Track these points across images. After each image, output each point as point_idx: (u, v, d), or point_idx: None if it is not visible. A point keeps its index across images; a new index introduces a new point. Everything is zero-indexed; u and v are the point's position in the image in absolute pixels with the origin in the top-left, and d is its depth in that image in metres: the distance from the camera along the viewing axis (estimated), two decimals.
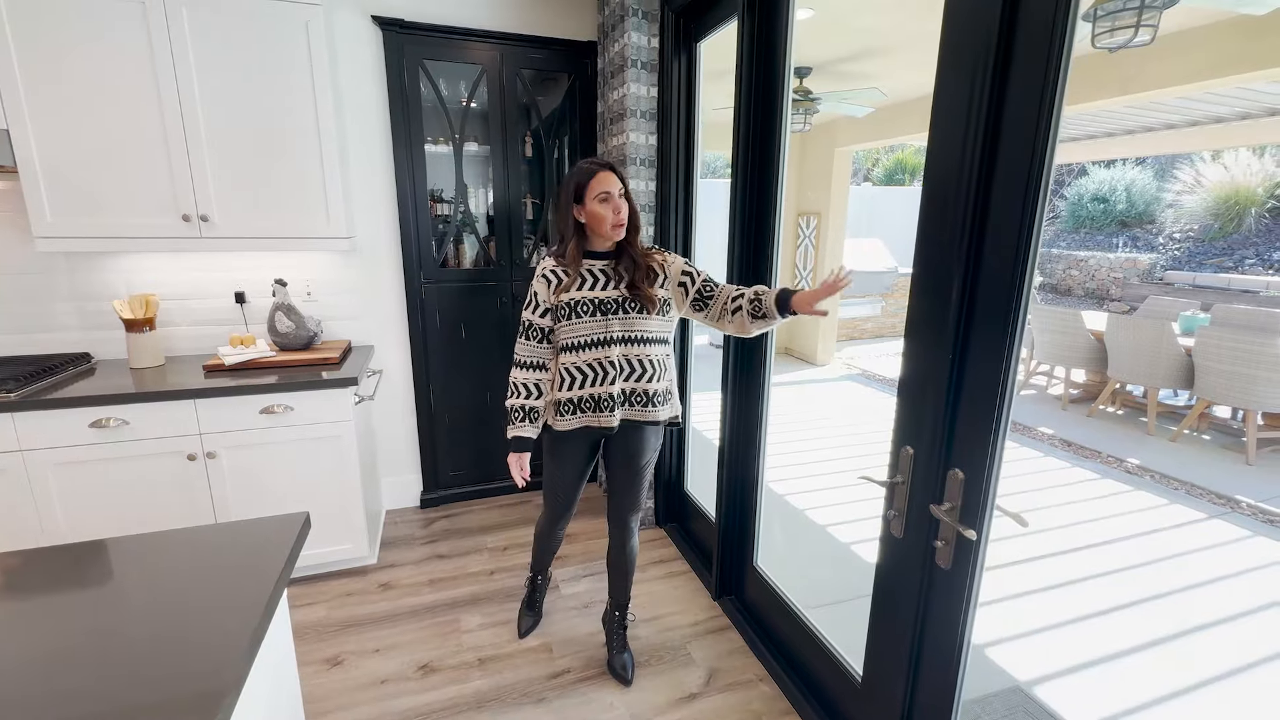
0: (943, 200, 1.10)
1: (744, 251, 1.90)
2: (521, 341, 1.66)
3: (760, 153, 1.82)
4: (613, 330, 1.58)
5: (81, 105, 1.93)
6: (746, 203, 1.87)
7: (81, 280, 2.28)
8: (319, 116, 2.15)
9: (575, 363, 1.60)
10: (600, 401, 1.61)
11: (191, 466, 2.02)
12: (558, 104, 2.78)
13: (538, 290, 1.62)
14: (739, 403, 2.02)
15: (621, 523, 1.83)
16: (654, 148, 2.36)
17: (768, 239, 1.84)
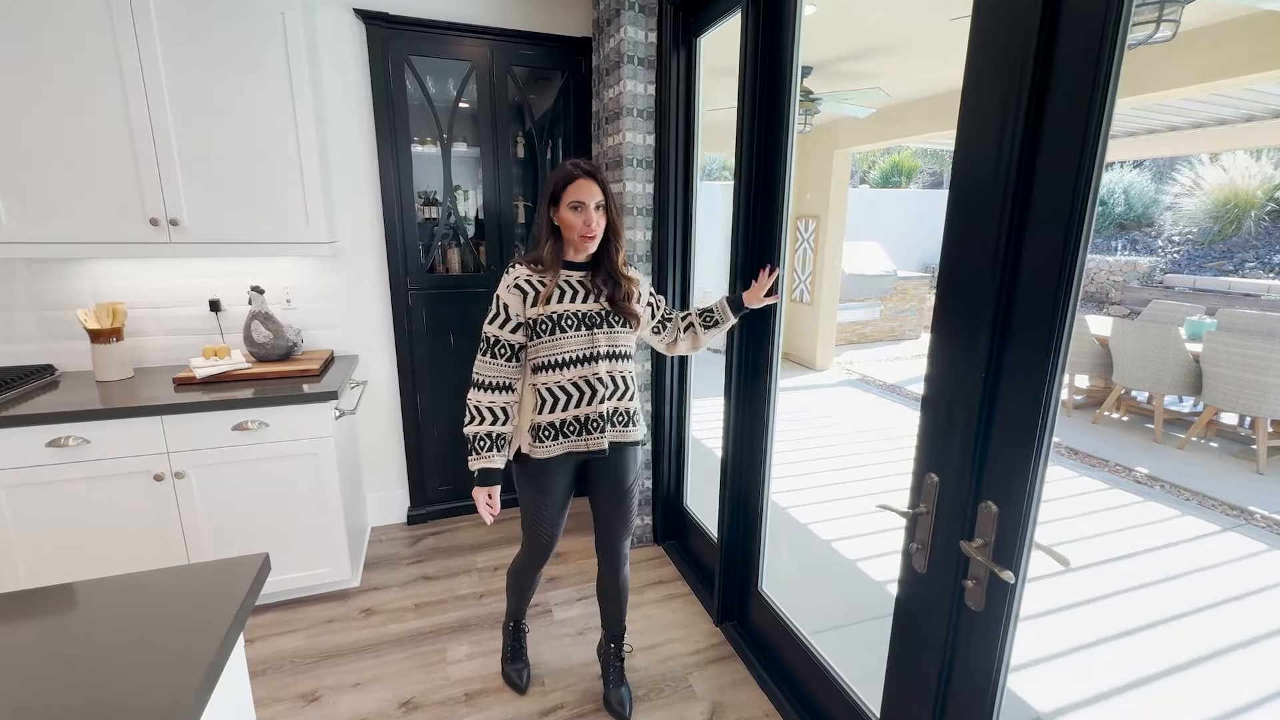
0: (975, 200, 0.99)
1: (747, 257, 1.79)
2: (485, 360, 1.47)
3: (765, 155, 1.71)
4: (599, 345, 1.48)
5: (38, 101, 1.80)
6: (750, 207, 1.76)
7: (44, 287, 2.14)
8: (297, 115, 2.03)
9: (558, 381, 1.47)
10: (589, 422, 1.49)
11: (159, 488, 1.89)
12: (550, 103, 2.67)
13: (508, 302, 1.45)
14: (743, 416, 1.91)
15: (613, 552, 1.70)
16: (651, 148, 2.25)
17: (773, 245, 1.73)
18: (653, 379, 2.45)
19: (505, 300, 1.46)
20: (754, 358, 1.84)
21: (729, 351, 1.90)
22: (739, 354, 1.87)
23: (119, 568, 1.90)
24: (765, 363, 1.80)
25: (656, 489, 2.56)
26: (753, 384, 1.86)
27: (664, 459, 2.51)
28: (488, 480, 1.48)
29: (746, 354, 1.86)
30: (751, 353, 1.85)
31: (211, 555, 2.00)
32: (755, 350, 1.83)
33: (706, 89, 2.24)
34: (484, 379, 1.47)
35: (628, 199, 2.24)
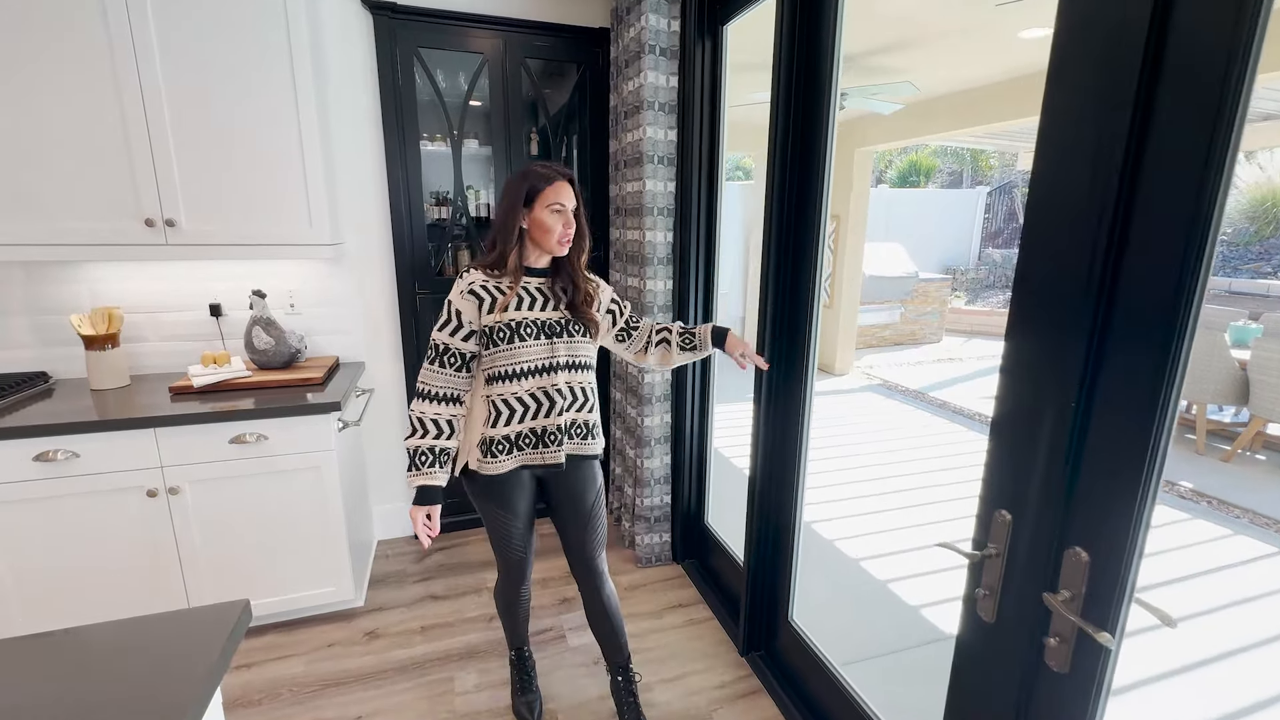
0: (1066, 190, 0.85)
1: (780, 265, 1.65)
2: (433, 369, 1.37)
3: (802, 154, 1.57)
4: (559, 355, 1.41)
5: (26, 93, 1.70)
6: (784, 211, 1.61)
7: (39, 291, 2.05)
8: (300, 109, 1.92)
9: (515, 393, 1.39)
10: (545, 435, 1.42)
11: (152, 504, 1.79)
12: (566, 97, 2.55)
13: (461, 308, 1.37)
14: (773, 428, 1.76)
15: (588, 568, 1.59)
16: (673, 144, 2.11)
17: (808, 251, 1.58)
18: (674, 388, 2.31)
19: (458, 306, 1.37)
20: (787, 364, 1.70)
21: (760, 352, 1.74)
22: (770, 358, 1.72)
23: (110, 589, 1.81)
24: (799, 370, 1.66)
25: (676, 504, 2.42)
26: (785, 393, 1.71)
27: (684, 472, 2.38)
28: (427, 499, 1.38)
29: (778, 360, 1.71)
30: (784, 359, 1.70)
31: (208, 576, 1.89)
32: (788, 356, 1.68)
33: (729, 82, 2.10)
34: (430, 389, 1.38)
35: (647, 198, 2.10)
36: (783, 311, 1.67)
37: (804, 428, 1.67)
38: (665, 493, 2.41)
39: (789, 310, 1.65)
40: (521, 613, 1.71)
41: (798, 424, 1.67)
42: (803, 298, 1.61)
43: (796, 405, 1.66)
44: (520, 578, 1.62)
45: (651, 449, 2.33)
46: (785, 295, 1.66)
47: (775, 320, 1.67)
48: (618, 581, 2.33)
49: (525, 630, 1.77)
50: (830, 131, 1.51)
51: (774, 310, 1.67)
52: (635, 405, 2.35)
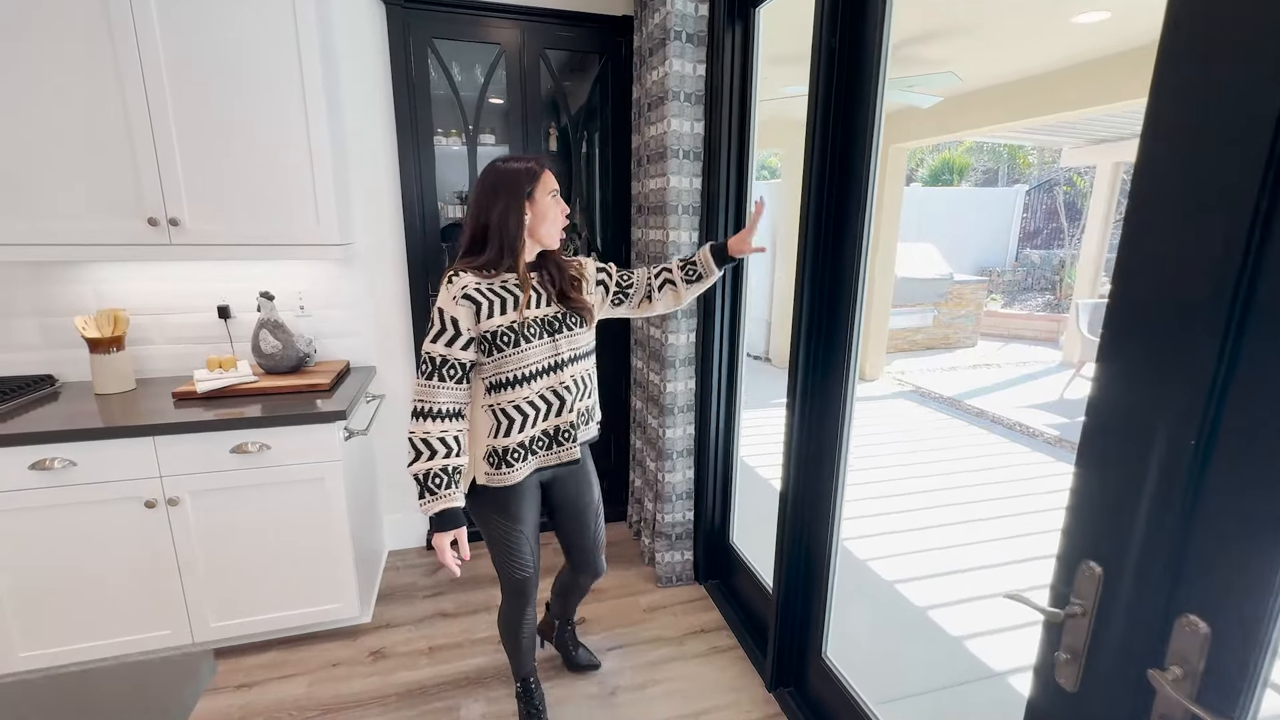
0: (1197, 160, 0.68)
1: (818, 267, 1.50)
2: (431, 384, 1.27)
3: (842, 149, 1.42)
4: (563, 351, 1.37)
5: (25, 85, 1.64)
6: (821, 209, 1.47)
7: (45, 292, 2.00)
8: (307, 103, 1.83)
9: (525, 397, 1.33)
10: (560, 433, 1.39)
11: (151, 515, 1.71)
12: (587, 90, 2.42)
13: (457, 316, 1.27)
14: (808, 441, 1.60)
15: (593, 564, 1.62)
16: (700, 137, 1.97)
17: (849, 253, 1.43)
18: (698, 397, 2.17)
19: (452, 314, 1.27)
20: (823, 371, 1.54)
21: (794, 354, 1.58)
22: (805, 362, 1.56)
23: (109, 603, 1.74)
24: (838, 378, 1.50)
25: (699, 521, 2.28)
26: (821, 403, 1.56)
27: (707, 488, 2.23)
28: (450, 523, 1.29)
29: (814, 366, 1.56)
30: (820, 365, 1.54)
31: (208, 591, 1.82)
32: (825, 362, 1.53)
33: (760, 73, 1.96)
34: (432, 406, 1.28)
35: (671, 196, 1.97)
36: (820, 315, 1.52)
37: (843, 442, 1.51)
38: (687, 508, 2.27)
39: (826, 314, 1.51)
40: (528, 639, 1.61)
41: (835, 438, 1.51)
42: (842, 301, 1.46)
43: (834, 417, 1.51)
44: (527, 601, 1.53)
45: (673, 462, 2.20)
46: (822, 298, 1.51)
47: (811, 324, 1.53)
48: (636, 602, 2.21)
49: (532, 658, 1.67)
50: (876, 125, 1.36)
51: (809, 314, 1.52)
52: (656, 416, 2.22)
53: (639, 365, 2.45)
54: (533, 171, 1.30)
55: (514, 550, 1.43)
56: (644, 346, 2.35)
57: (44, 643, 1.72)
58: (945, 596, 2.44)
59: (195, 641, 1.84)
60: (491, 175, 1.31)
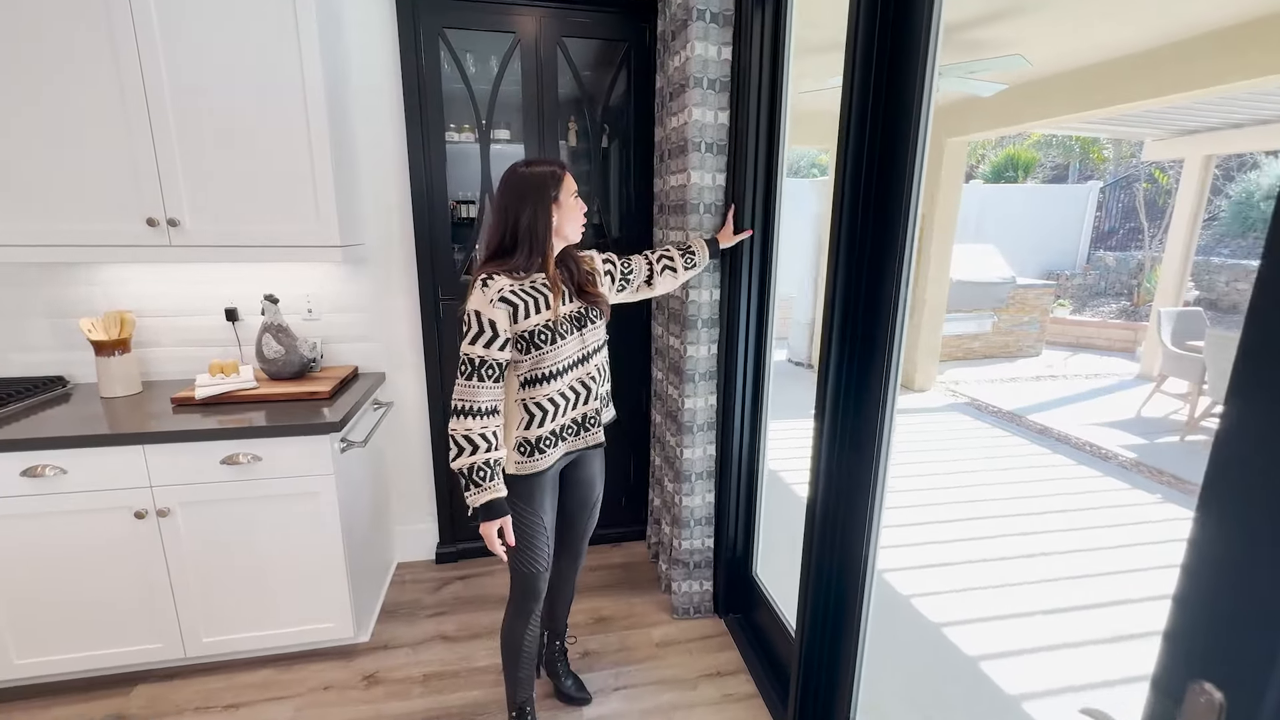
0: None
1: (853, 271, 1.29)
2: (471, 384, 1.31)
3: (883, 141, 1.21)
4: (588, 344, 1.45)
5: (25, 85, 1.61)
6: (856, 208, 1.25)
7: (58, 294, 1.99)
8: (307, 96, 1.74)
9: (559, 390, 1.40)
10: (586, 419, 1.48)
11: (140, 526, 1.66)
12: (609, 82, 2.26)
13: (495, 318, 1.31)
14: (839, 465, 1.38)
15: (575, 553, 1.67)
16: (725, 128, 1.78)
17: (889, 257, 1.21)
18: (719, 414, 1.98)
19: (490, 316, 1.31)
20: (858, 387, 1.33)
21: (824, 360, 1.36)
22: (836, 370, 1.34)
23: (102, 616, 1.70)
24: (874, 396, 1.28)
25: (719, 548, 2.09)
26: (855, 423, 1.34)
27: (728, 512, 2.04)
28: (496, 512, 1.35)
29: (849, 381, 1.34)
30: (855, 380, 1.33)
31: (200, 606, 1.75)
32: (860, 378, 1.32)
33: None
34: (473, 404, 1.32)
35: (692, 193, 1.78)
36: (854, 323, 1.30)
37: (880, 460, 1.28)
38: (707, 535, 2.08)
39: (862, 319, 1.29)
40: (528, 654, 1.56)
41: (872, 456, 1.29)
42: (881, 306, 1.24)
43: (871, 432, 1.29)
44: (536, 600, 1.52)
45: (692, 485, 2.01)
46: (856, 302, 1.29)
47: (844, 330, 1.31)
48: (648, 635, 2.03)
49: (531, 683, 1.60)
50: (923, 116, 1.15)
51: (842, 319, 1.31)
52: (674, 433, 2.04)
53: (658, 377, 2.27)
54: (556, 175, 1.36)
55: (530, 540, 1.45)
56: (664, 357, 2.18)
57: (39, 651, 1.69)
58: (1001, 645, 2.16)
59: (187, 657, 1.78)
60: (516, 180, 1.35)
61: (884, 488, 1.33)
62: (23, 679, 1.72)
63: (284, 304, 2.08)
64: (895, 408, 1.27)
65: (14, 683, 1.73)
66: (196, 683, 1.81)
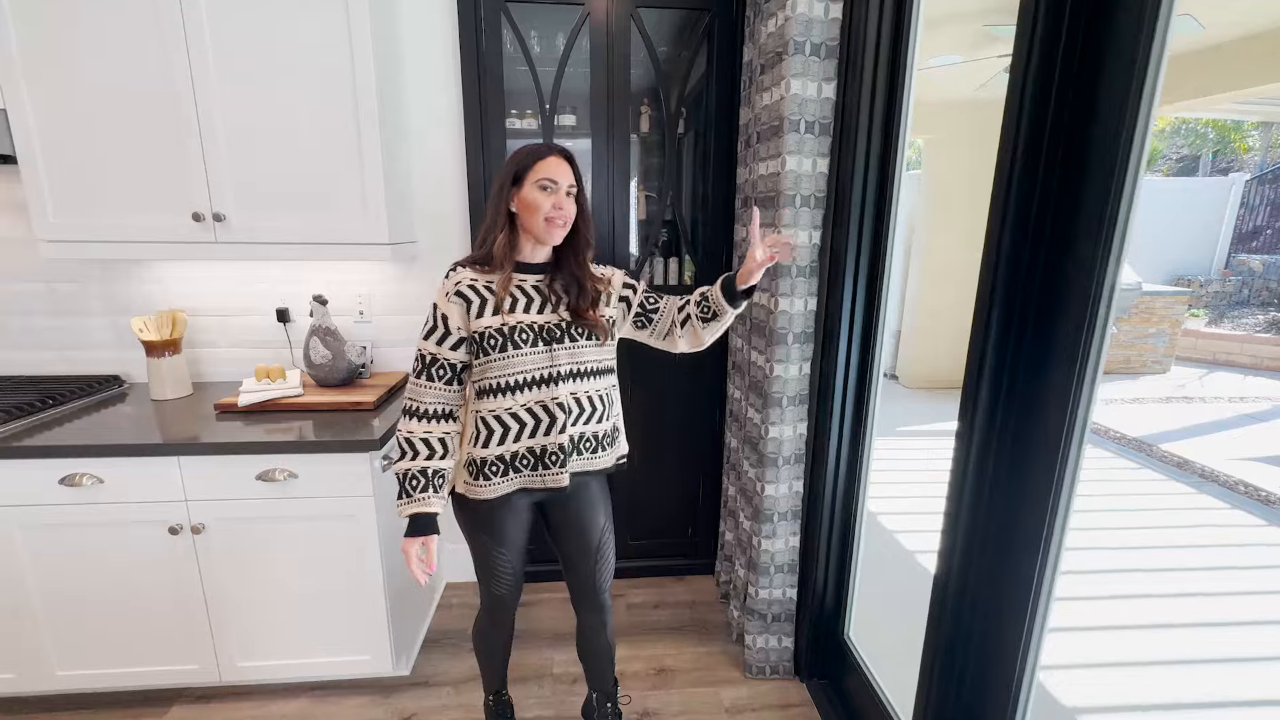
0: None
1: (1016, 278, 0.96)
2: (420, 382, 1.22)
3: (1074, 118, 0.88)
4: (559, 363, 1.23)
5: (77, 70, 1.53)
6: (1033, 200, 0.92)
7: (114, 291, 1.95)
8: (357, 81, 1.58)
9: (509, 408, 1.22)
10: (546, 455, 1.24)
11: (176, 542, 1.55)
12: (688, 59, 2.00)
13: (447, 312, 1.20)
14: (991, 509, 1.06)
15: (594, 605, 1.44)
16: (830, 103, 1.47)
17: (1083, 262, 0.88)
18: (809, 444, 1.67)
19: (443, 310, 1.20)
20: (1022, 406, 1.00)
21: (974, 370, 1.03)
22: (990, 404, 1.02)
23: (138, 632, 1.62)
24: (1053, 420, 0.95)
25: (804, 601, 1.78)
26: (1016, 452, 1.01)
27: (816, 558, 1.72)
28: (421, 528, 1.22)
29: (1009, 408, 1.01)
30: (1018, 405, 1.00)
31: (236, 629, 1.64)
32: (1025, 393, 0.99)
33: None
34: (419, 405, 1.22)
35: (787, 181, 1.48)
36: (1016, 334, 0.98)
37: (1056, 519, 0.95)
38: (790, 584, 1.78)
39: (1032, 333, 0.96)
40: (501, 645, 1.53)
41: (1044, 513, 0.95)
42: (1062, 316, 0.91)
43: (1043, 480, 0.96)
44: (505, 618, 1.46)
45: (774, 526, 1.71)
46: (1023, 310, 0.97)
47: (1002, 347, 0.99)
48: (716, 696, 1.76)
49: (504, 669, 1.59)
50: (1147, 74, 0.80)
51: (1000, 334, 0.99)
52: (755, 464, 1.75)
53: (735, 395, 1.98)
54: (534, 153, 1.19)
55: (491, 566, 1.36)
56: (742, 373, 1.89)
57: (80, 664, 1.63)
58: None
59: (222, 681, 1.67)
60: (504, 164, 1.23)
61: (1060, 547, 0.98)
62: (64, 690, 1.66)
63: (336, 305, 1.96)
64: (1086, 435, 0.93)
65: (56, 693, 1.67)
66: (231, 707, 1.70)
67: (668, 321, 1.36)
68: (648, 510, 2.29)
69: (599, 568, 1.40)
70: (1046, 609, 1.00)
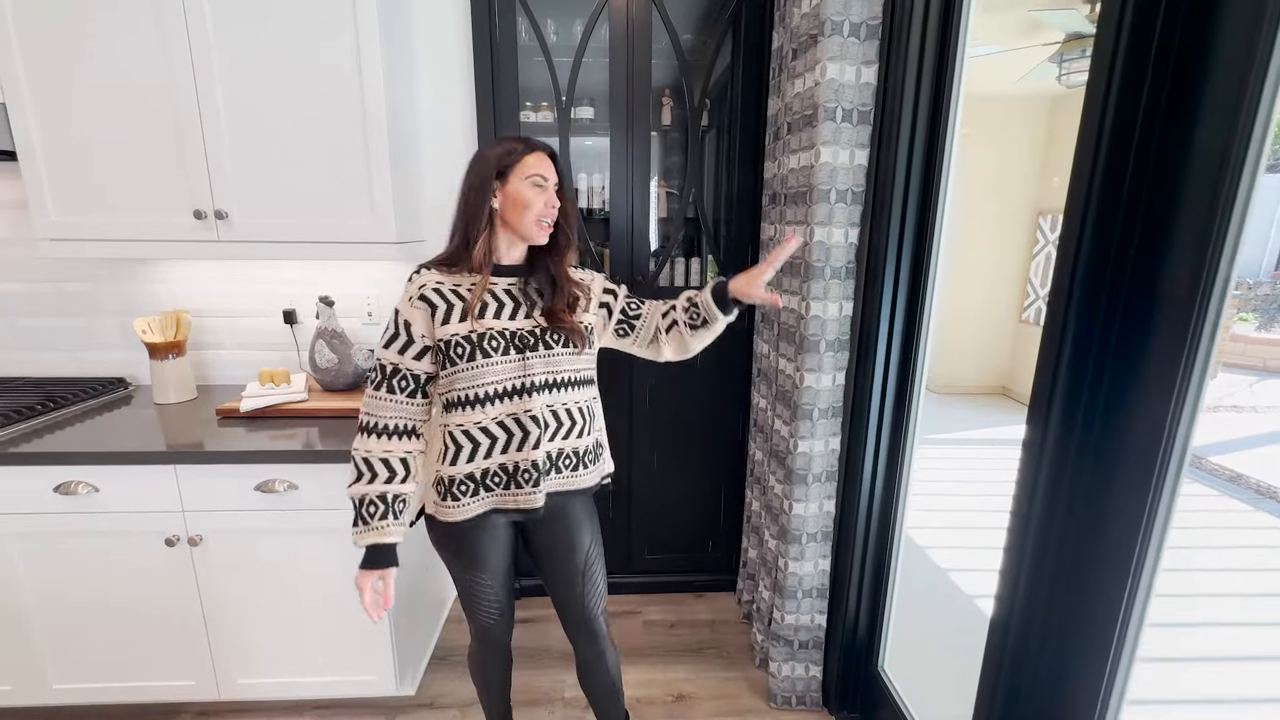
0: None
1: (1098, 273, 0.83)
2: (379, 395, 1.11)
3: (1174, 102, 0.75)
4: (534, 373, 1.13)
5: (78, 65, 1.47)
6: (1126, 186, 0.80)
7: (121, 291, 1.90)
8: (363, 76, 1.50)
9: (477, 422, 1.12)
10: (518, 473, 1.14)
11: (172, 554, 1.48)
12: (713, 47, 1.88)
13: (410, 319, 1.10)
14: (1064, 537, 0.92)
15: (588, 633, 1.31)
16: (870, 88, 1.35)
17: (1191, 257, 0.75)
18: (843, 460, 1.55)
19: (406, 316, 1.11)
20: (1105, 416, 0.87)
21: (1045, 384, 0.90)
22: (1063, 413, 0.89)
23: (135, 646, 1.56)
24: (1146, 434, 0.82)
25: (834, 628, 1.65)
26: (1098, 471, 0.88)
27: (849, 584, 1.59)
28: (378, 561, 1.10)
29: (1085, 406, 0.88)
30: (1098, 405, 0.87)
31: (235, 645, 1.57)
32: (1109, 401, 0.86)
33: None
34: (377, 420, 1.12)
35: (821, 175, 1.36)
36: (1099, 334, 0.85)
37: (1146, 549, 0.82)
38: (819, 610, 1.66)
39: (1119, 332, 0.84)
40: (496, 685, 1.44)
41: (1131, 542, 0.82)
42: (1160, 317, 0.78)
43: (1130, 505, 0.83)
44: (499, 644, 1.35)
45: (802, 548, 1.59)
46: (1110, 309, 0.84)
47: (1080, 350, 0.87)
48: None
49: (507, 700, 1.48)
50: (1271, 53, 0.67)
51: (1077, 334, 0.86)
52: (782, 480, 1.63)
53: (760, 404, 1.86)
54: (513, 151, 1.11)
55: (473, 595, 1.25)
56: (768, 381, 1.77)
57: (76, 677, 1.57)
58: None
59: (221, 698, 1.61)
60: (475, 156, 1.15)
61: (1153, 579, 0.85)
62: (61, 704, 1.61)
63: (344, 306, 1.88)
64: (1189, 445, 0.79)
65: (52, 706, 1.62)
66: None
67: (651, 328, 1.28)
68: (666, 522, 2.18)
69: (587, 591, 1.28)
70: (1133, 648, 0.87)
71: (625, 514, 2.15)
